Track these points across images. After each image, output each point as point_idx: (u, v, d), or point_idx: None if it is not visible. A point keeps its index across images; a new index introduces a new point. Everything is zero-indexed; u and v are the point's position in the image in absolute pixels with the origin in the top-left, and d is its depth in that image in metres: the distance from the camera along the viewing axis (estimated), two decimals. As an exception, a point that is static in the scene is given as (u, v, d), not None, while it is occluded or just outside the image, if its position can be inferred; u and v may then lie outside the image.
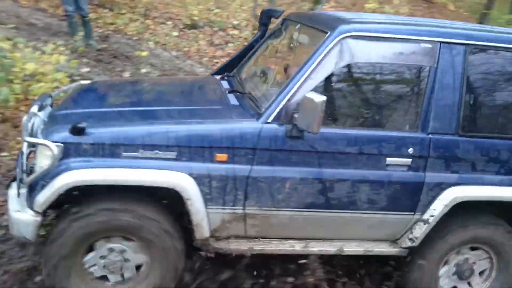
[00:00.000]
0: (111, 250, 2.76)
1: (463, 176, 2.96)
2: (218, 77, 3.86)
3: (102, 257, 2.78)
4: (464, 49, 2.87)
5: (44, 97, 3.21)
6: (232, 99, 3.14)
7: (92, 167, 2.58)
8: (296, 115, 2.65)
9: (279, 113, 2.72)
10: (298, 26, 3.40)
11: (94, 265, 2.79)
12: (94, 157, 2.60)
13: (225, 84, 3.56)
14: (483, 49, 2.91)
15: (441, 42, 2.85)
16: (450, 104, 2.87)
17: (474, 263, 3.22)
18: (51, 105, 3.21)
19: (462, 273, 3.20)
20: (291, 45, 3.52)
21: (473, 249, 3.20)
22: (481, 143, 2.94)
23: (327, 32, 2.80)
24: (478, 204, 3.04)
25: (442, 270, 3.20)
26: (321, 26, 2.96)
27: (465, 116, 2.90)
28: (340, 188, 2.85)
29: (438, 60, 2.84)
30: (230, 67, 4.00)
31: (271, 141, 2.72)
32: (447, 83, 2.86)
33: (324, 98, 2.52)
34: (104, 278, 2.85)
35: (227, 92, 3.28)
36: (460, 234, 3.08)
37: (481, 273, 3.28)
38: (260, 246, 2.94)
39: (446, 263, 3.20)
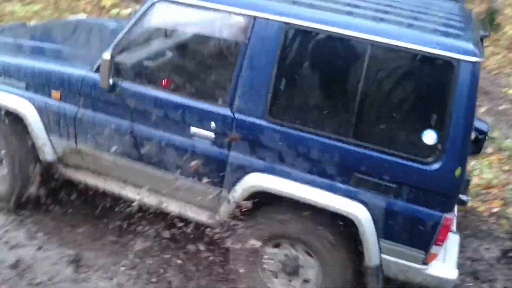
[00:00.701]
0: None
1: (269, 165, 2.77)
2: None
3: None
4: (282, 28, 2.58)
5: None
6: None
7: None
8: None
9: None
10: None
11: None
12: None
13: None
14: (306, 30, 2.56)
15: (255, 17, 2.62)
16: (257, 85, 2.67)
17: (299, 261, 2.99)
18: None
19: (287, 268, 3.03)
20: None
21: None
22: (289, 135, 2.68)
23: None
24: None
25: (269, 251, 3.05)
26: None
27: (273, 101, 2.66)
28: (150, 146, 2.99)
29: (250, 36, 2.64)
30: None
31: (91, 90, 3.01)
32: (257, 62, 2.65)
33: (108, 56, 2.69)
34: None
35: None
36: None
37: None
38: (93, 182, 3.32)
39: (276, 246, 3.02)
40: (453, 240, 3.03)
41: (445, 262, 2.83)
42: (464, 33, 2.56)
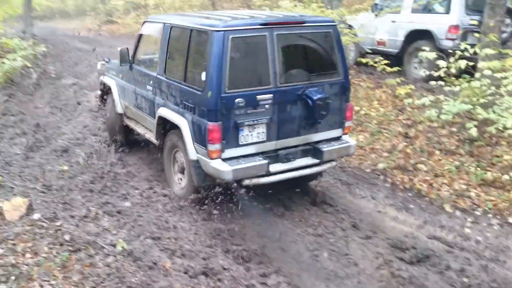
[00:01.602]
0: None
1: (164, 102, 5.41)
2: None
3: None
4: (169, 27, 5.43)
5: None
6: None
7: (106, 76, 7.20)
8: None
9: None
10: None
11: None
12: (108, 72, 7.12)
13: None
14: (176, 27, 5.35)
15: (164, 23, 5.57)
16: (162, 58, 5.51)
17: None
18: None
19: (181, 168, 5.42)
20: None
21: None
22: (168, 82, 5.32)
23: None
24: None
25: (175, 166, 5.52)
26: None
27: (165, 65, 5.43)
28: (140, 99, 6.06)
29: (162, 33, 5.53)
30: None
31: (125, 69, 6.39)
32: (163, 46, 5.50)
33: (119, 49, 6.18)
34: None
35: None
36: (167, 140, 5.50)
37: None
38: (132, 125, 6.51)
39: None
40: (255, 160, 4.80)
41: (229, 163, 4.66)
42: (234, 20, 4.81)
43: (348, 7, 11.53)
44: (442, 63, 6.51)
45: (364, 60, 8.68)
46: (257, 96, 4.68)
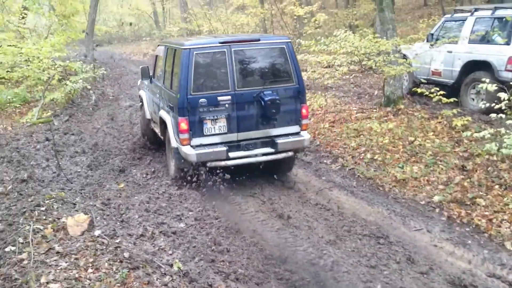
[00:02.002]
0: None
1: (163, 106, 6.77)
2: None
3: None
4: (167, 48, 6.96)
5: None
6: None
7: (141, 89, 9.04)
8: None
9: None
10: None
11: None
12: (143, 86, 8.78)
13: None
14: (169, 48, 6.83)
15: (165, 45, 7.24)
16: (162, 71, 7.01)
17: None
18: None
19: None
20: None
21: None
22: (164, 90, 6.75)
23: None
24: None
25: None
26: None
27: (165, 77, 6.85)
28: (155, 105, 7.50)
29: (164, 52, 7.12)
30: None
31: (149, 83, 8.13)
32: (163, 62, 7.02)
33: (141, 67, 8.33)
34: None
35: None
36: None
37: None
38: (155, 128, 7.84)
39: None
40: (217, 147, 6.11)
41: (195, 149, 6.06)
42: (199, 40, 6.44)
43: (403, 37, 11.43)
44: (503, 95, 6.32)
45: (419, 90, 8.54)
46: (218, 98, 6.02)
